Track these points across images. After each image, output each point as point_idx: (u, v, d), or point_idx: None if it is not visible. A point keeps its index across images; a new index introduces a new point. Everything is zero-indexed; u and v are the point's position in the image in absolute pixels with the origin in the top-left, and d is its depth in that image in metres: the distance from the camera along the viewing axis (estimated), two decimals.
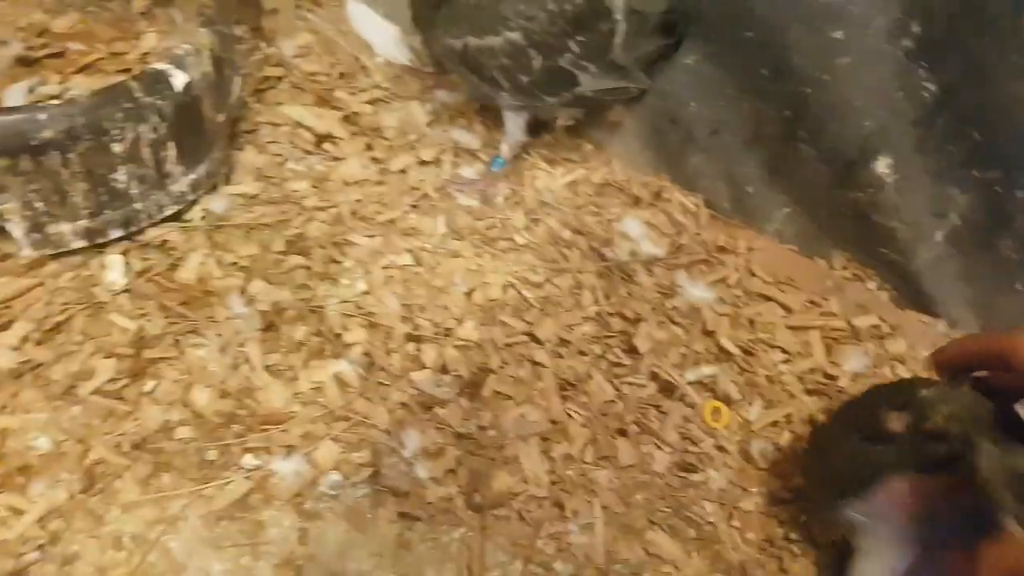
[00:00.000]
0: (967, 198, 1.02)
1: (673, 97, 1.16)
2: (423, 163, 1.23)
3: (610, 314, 1.10)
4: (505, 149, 1.18)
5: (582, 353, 1.06)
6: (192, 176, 1.05)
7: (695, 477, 0.99)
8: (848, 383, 1.07)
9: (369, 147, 1.24)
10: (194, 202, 1.08)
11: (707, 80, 1.12)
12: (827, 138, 1.05)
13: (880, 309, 1.14)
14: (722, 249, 1.20)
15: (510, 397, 1.01)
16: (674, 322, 1.11)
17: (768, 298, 1.15)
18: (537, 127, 1.27)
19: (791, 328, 1.12)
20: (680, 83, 1.15)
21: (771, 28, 1.02)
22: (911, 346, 1.11)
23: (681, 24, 1.10)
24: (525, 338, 1.06)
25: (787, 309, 1.14)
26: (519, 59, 1.04)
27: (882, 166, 1.03)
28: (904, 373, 1.09)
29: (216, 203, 1.10)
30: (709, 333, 1.10)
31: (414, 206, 1.17)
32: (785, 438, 1.03)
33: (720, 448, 1.01)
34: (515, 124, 1.15)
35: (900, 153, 1.02)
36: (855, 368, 1.08)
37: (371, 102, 1.30)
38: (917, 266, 1.09)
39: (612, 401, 1.03)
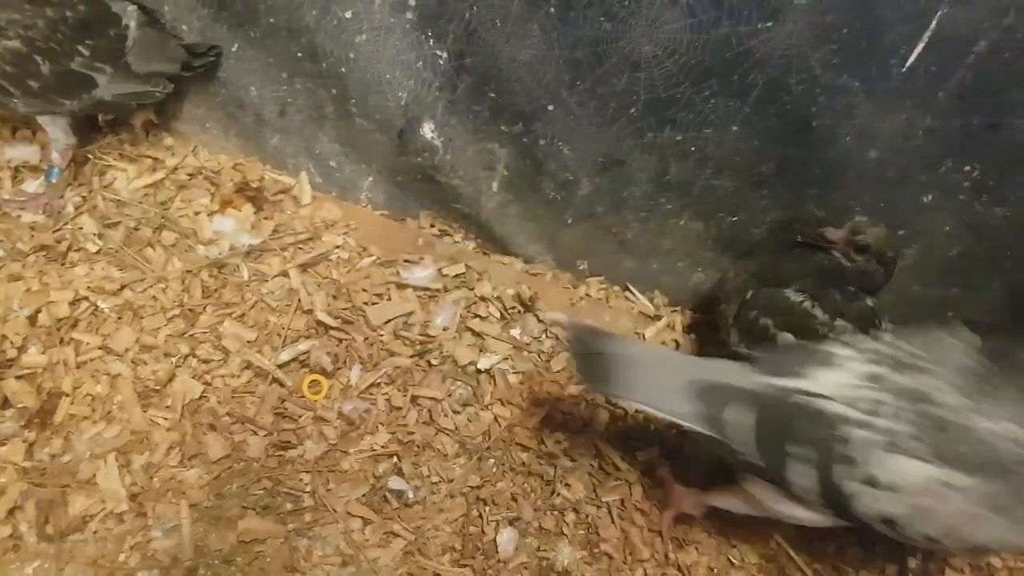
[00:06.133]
0: (506, 151, 1.11)
1: (232, 83, 1.16)
2: None
3: (198, 311, 1.10)
4: (56, 156, 1.12)
5: (168, 355, 1.06)
6: None
7: (291, 453, 1.03)
8: (439, 332, 1.16)
9: None
10: None
11: (256, 65, 1.13)
12: (374, 111, 1.10)
13: (467, 258, 1.23)
14: (320, 225, 1.23)
15: (87, 417, 0.99)
16: (271, 307, 1.13)
17: (367, 265, 1.21)
18: (112, 126, 1.21)
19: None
20: (233, 70, 1.14)
21: (289, 12, 1.04)
22: (495, 286, 1.22)
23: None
24: (100, 352, 1.03)
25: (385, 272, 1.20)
26: (24, 66, 0.99)
27: (427, 131, 1.10)
28: (493, 310, 1.19)
29: None
30: (308, 311, 1.14)
31: None
32: (384, 392, 1.10)
33: (319, 418, 1.06)
34: (56, 128, 1.09)
35: (438, 118, 1.09)
36: (444, 322, 1.17)
37: None
38: (486, 215, 1.19)
39: (202, 398, 1.04)
